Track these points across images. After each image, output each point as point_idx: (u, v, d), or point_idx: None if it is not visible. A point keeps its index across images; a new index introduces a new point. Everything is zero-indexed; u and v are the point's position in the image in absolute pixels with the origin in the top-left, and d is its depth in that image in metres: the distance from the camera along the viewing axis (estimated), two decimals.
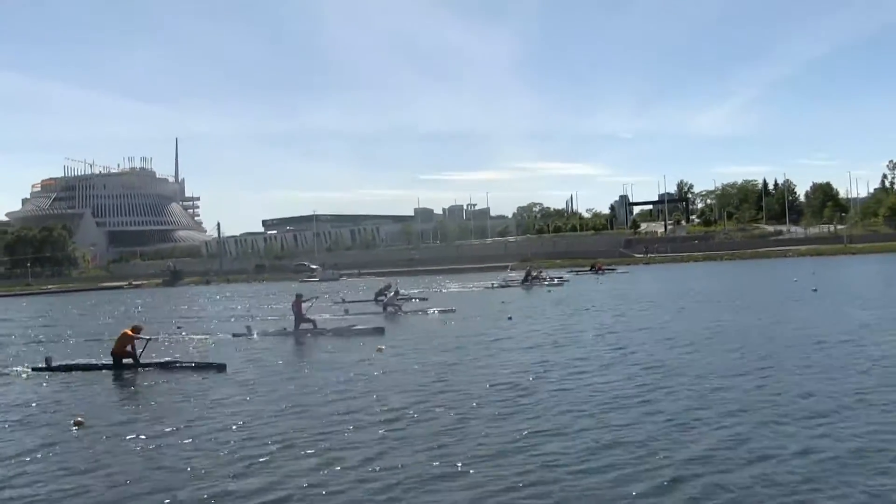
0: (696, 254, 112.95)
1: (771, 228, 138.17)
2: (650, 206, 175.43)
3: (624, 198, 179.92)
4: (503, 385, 16.06)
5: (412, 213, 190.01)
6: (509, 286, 61.50)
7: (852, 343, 19.95)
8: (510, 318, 32.09)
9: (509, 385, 16.01)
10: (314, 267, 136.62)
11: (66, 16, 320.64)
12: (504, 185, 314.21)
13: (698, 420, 12.08)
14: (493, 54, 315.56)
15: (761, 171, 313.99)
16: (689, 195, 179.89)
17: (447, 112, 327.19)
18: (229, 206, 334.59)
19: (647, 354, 19.64)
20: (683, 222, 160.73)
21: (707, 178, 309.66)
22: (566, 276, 70.41)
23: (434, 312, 37.68)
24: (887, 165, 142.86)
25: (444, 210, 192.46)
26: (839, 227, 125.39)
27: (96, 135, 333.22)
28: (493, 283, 63.97)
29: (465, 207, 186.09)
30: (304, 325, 29.14)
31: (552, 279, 64.01)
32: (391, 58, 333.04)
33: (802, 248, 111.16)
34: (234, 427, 13.13)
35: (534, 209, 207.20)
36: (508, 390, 15.46)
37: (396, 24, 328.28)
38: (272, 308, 48.44)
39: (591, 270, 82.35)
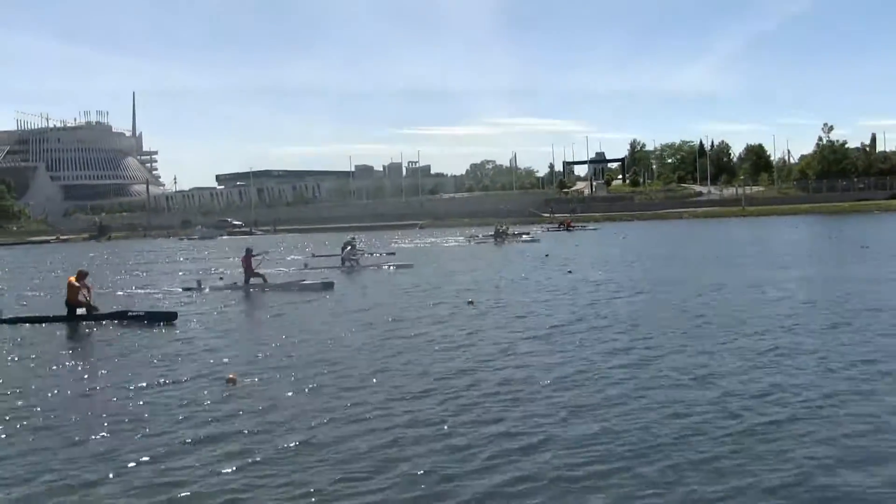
0: (596, 215, 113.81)
1: (699, 189, 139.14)
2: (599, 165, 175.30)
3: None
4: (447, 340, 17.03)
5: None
6: (485, 242, 64.46)
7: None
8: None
9: (446, 338, 17.12)
10: (236, 223, 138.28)
11: None
12: (483, 140, 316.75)
13: None
14: (473, 10, 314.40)
15: (743, 128, 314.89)
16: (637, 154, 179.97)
17: (427, 67, 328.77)
18: (202, 160, 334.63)
19: None
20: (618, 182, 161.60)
21: (689, 134, 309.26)
22: (537, 232, 74.41)
23: (390, 268, 38.98)
24: (822, 128, 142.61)
25: (384, 167, 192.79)
26: (741, 189, 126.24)
27: (56, 87, 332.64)
28: (469, 240, 67.65)
29: (404, 164, 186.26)
30: (253, 280, 29.72)
31: (521, 235, 68.02)
32: (369, 13, 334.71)
33: (699, 210, 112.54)
34: (185, 377, 13.83)
35: (486, 166, 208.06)
36: (449, 344, 16.44)
37: None
38: None
39: (560, 227, 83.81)
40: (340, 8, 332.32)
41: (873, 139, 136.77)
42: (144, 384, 13.25)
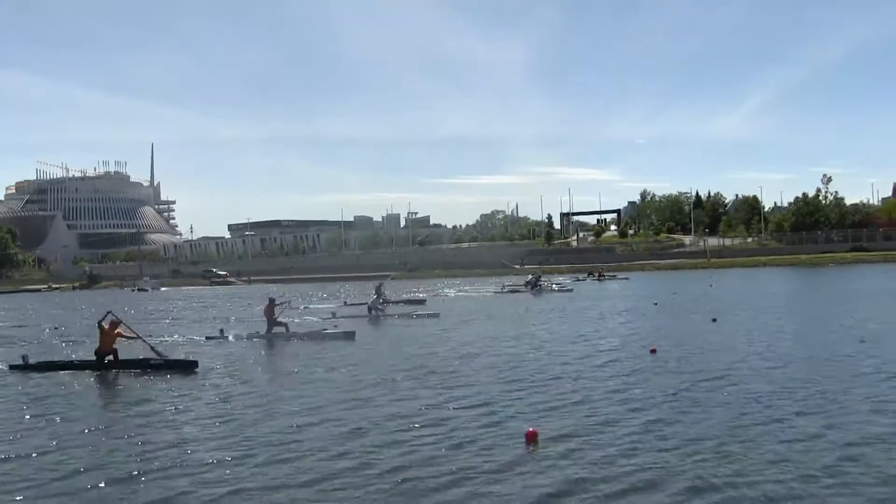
0: (562, 266, 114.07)
1: (687, 240, 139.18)
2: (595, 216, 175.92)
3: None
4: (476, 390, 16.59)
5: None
6: (518, 291, 62.31)
7: None
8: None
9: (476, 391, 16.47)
10: (221, 273, 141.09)
11: (73, 17, 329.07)
12: (518, 190, 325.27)
13: None
14: (508, 60, 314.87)
15: (776, 178, 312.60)
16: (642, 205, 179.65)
17: (461, 117, 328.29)
18: (227, 209, 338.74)
19: None
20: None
21: (723, 183, 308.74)
22: (567, 282, 72.14)
23: (414, 316, 38.77)
24: (822, 179, 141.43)
25: (382, 218, 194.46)
26: (719, 241, 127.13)
27: (85, 136, 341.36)
28: (503, 288, 65.30)
29: (404, 215, 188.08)
30: (276, 329, 29.43)
31: (556, 285, 65.41)
32: (405, 63, 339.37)
33: (662, 262, 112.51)
34: (203, 425, 13.88)
35: (497, 216, 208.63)
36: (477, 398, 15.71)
37: (411, 30, 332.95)
38: None
39: (590, 277, 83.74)
40: (373, 59, 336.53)
41: None
42: (157, 436, 13.18)
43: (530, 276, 68.12)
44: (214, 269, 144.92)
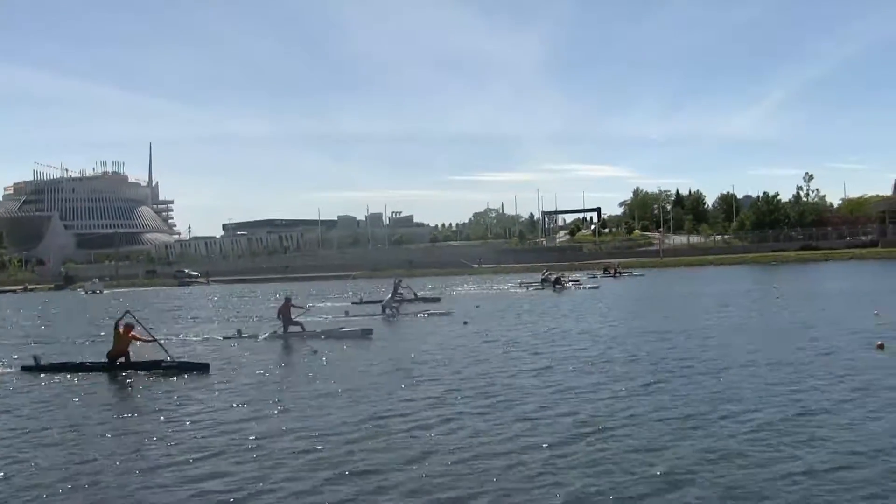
0: (517, 265, 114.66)
1: (656, 236, 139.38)
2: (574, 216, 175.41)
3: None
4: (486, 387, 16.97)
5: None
6: (543, 289, 62.33)
7: None
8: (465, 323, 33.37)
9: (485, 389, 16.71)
10: (193, 274, 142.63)
11: (87, 14, 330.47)
12: (531, 187, 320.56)
13: None
14: (521, 56, 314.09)
15: (793, 173, 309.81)
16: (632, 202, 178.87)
17: (475, 114, 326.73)
18: (237, 208, 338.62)
19: None
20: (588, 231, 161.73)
21: (742, 180, 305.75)
22: (582, 279, 71.49)
23: (426, 315, 38.36)
24: (803, 177, 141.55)
25: (365, 217, 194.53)
26: (662, 238, 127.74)
27: (87, 133, 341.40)
28: (527, 287, 65.22)
29: (387, 214, 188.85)
30: (292, 328, 29.60)
31: (573, 282, 66.02)
32: (418, 60, 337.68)
33: (612, 261, 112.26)
34: (214, 426, 13.98)
35: (490, 215, 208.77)
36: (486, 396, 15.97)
37: (423, 28, 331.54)
38: None
39: (605, 273, 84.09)
40: (386, 56, 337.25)
41: None
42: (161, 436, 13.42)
43: (546, 273, 68.66)
44: (186, 270, 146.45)
